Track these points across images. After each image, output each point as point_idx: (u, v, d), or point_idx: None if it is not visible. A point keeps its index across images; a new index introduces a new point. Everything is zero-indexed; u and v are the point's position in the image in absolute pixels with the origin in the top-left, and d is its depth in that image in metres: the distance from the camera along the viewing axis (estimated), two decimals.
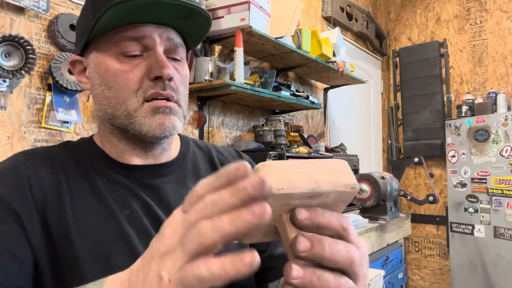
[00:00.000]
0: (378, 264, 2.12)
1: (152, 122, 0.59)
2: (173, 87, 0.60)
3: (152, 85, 0.58)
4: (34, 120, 1.23)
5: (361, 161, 2.55)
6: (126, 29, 0.58)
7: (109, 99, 0.60)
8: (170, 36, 0.60)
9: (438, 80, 3.40)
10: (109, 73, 0.59)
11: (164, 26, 0.60)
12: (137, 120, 0.59)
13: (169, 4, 0.56)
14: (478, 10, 3.33)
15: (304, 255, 0.31)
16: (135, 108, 0.59)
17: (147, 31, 0.58)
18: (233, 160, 0.76)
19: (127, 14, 0.56)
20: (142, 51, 0.59)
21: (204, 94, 1.73)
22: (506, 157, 2.77)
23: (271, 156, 1.69)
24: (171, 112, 0.60)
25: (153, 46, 0.59)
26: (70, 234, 0.54)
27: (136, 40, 0.58)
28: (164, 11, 0.57)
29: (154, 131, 0.59)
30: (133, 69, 0.58)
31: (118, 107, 0.59)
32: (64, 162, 0.61)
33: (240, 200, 0.27)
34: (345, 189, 0.33)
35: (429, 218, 3.50)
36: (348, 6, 2.99)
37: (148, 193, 0.62)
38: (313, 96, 2.32)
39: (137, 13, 0.56)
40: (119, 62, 0.59)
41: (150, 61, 0.59)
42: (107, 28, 0.58)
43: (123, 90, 0.59)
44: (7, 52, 1.13)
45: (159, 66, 0.58)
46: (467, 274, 2.92)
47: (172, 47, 0.61)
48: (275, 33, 1.78)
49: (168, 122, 0.59)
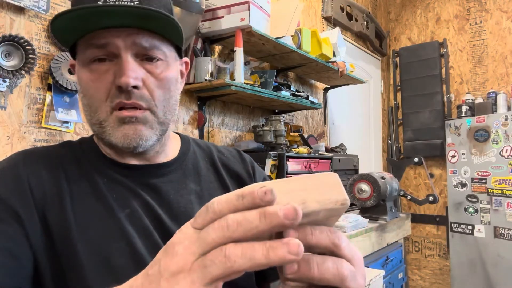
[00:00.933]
0: (378, 264, 2.12)
1: (118, 133, 0.57)
2: (141, 95, 0.57)
3: (118, 94, 0.57)
4: (34, 120, 1.23)
5: (361, 161, 2.55)
6: (91, 36, 0.56)
7: (86, 107, 0.60)
8: (136, 40, 0.57)
9: (438, 80, 3.40)
10: (82, 81, 0.59)
11: (132, 29, 0.56)
12: (107, 130, 0.58)
13: (119, 11, 0.53)
14: (478, 10, 3.33)
15: (292, 277, 0.31)
16: (104, 117, 0.58)
17: (109, 37, 0.56)
18: (234, 160, 0.76)
19: (81, 23, 0.54)
20: (110, 57, 0.57)
21: (204, 94, 1.73)
22: (506, 157, 2.77)
23: (271, 156, 1.69)
24: (139, 121, 0.58)
25: (118, 52, 0.56)
26: (70, 233, 0.54)
27: (99, 47, 0.56)
28: (118, 17, 0.54)
29: (120, 142, 0.57)
30: (101, 77, 0.57)
31: (92, 115, 0.59)
32: (64, 161, 0.61)
33: (269, 226, 0.26)
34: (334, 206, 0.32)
35: (429, 218, 3.49)
36: (348, 6, 2.99)
37: (148, 192, 0.62)
38: (313, 96, 2.32)
39: (91, 21, 0.54)
40: (88, 71, 0.58)
41: (116, 67, 0.57)
42: (71, 36, 0.57)
43: (94, 98, 0.58)
44: (7, 52, 1.13)
45: (120, 74, 0.55)
46: (467, 274, 2.92)
47: (143, 50, 0.58)
48: (275, 33, 1.78)
49: (133, 133, 0.57)
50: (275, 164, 1.72)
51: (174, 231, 0.60)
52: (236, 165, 0.75)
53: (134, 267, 0.55)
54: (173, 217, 0.62)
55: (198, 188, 0.67)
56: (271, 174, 1.70)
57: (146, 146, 0.59)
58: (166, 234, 0.60)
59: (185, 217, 0.63)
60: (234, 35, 1.64)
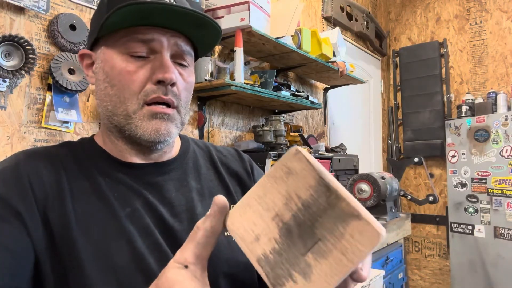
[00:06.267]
0: (378, 264, 2.12)
1: (148, 126, 0.59)
2: (175, 93, 0.60)
3: (155, 89, 0.59)
4: (34, 120, 1.23)
5: (361, 161, 2.55)
6: (135, 30, 0.58)
7: (111, 97, 0.60)
8: (178, 42, 0.60)
9: (438, 80, 3.40)
10: (114, 71, 0.59)
11: (174, 32, 0.60)
12: (134, 122, 0.59)
13: (179, 12, 0.56)
14: (478, 10, 3.33)
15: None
16: (134, 110, 0.59)
17: (155, 34, 0.58)
18: (233, 159, 0.76)
19: (137, 16, 0.56)
20: (148, 54, 0.59)
21: (204, 94, 1.73)
22: (506, 157, 2.77)
23: (271, 156, 1.69)
24: (169, 119, 0.60)
25: (160, 50, 0.59)
26: (71, 233, 0.54)
27: (143, 42, 0.58)
28: (174, 17, 0.57)
29: (149, 135, 0.59)
30: (138, 71, 0.59)
31: (118, 106, 0.59)
32: (65, 161, 0.61)
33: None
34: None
35: (429, 218, 3.49)
36: (348, 6, 2.99)
37: (149, 191, 0.62)
38: (313, 96, 2.32)
39: (146, 16, 0.57)
40: (125, 62, 0.59)
41: (155, 64, 0.59)
42: (116, 27, 0.58)
43: (125, 90, 0.59)
44: (7, 52, 1.13)
45: (163, 70, 0.58)
46: (467, 274, 2.92)
47: (179, 53, 0.61)
48: (275, 33, 1.78)
49: (163, 129, 0.59)
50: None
51: (176, 229, 0.61)
52: (235, 164, 0.75)
53: (134, 266, 0.55)
54: (175, 215, 0.62)
55: (198, 186, 0.68)
56: None
57: (168, 143, 0.63)
58: (168, 232, 0.60)
59: (187, 214, 0.63)
60: (234, 35, 1.64)
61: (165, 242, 0.58)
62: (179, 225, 0.61)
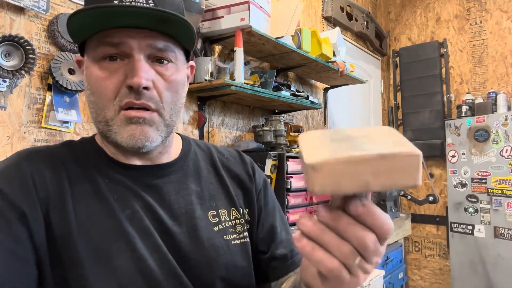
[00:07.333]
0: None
1: (124, 132, 0.57)
2: (151, 96, 0.58)
3: (127, 93, 0.57)
4: (34, 120, 1.23)
5: None
6: (104, 34, 0.56)
7: (93, 104, 0.60)
8: (150, 41, 0.57)
9: (438, 80, 3.40)
10: (92, 78, 0.59)
11: (149, 31, 0.57)
12: (113, 129, 0.58)
13: (138, 13, 0.54)
14: (478, 10, 3.33)
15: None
16: (111, 116, 0.58)
17: (123, 37, 0.56)
18: (234, 161, 0.76)
19: (99, 21, 0.55)
20: (123, 57, 0.58)
21: (204, 94, 1.73)
22: (506, 157, 2.77)
23: (271, 156, 1.69)
24: (146, 122, 0.58)
25: (131, 53, 0.57)
26: (71, 234, 0.54)
27: (113, 45, 0.57)
28: (135, 18, 0.55)
29: (126, 141, 0.58)
30: (111, 76, 0.57)
31: (99, 112, 0.59)
32: (66, 161, 0.61)
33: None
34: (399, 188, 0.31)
35: (429, 218, 3.49)
36: (348, 6, 2.99)
37: (149, 193, 0.62)
38: (313, 96, 2.32)
39: (109, 20, 0.55)
40: (99, 68, 0.58)
41: (127, 68, 0.57)
42: (85, 32, 0.57)
43: (102, 96, 0.58)
44: (7, 52, 1.13)
45: (132, 74, 0.56)
46: (467, 274, 2.92)
47: (155, 52, 0.58)
48: (275, 33, 1.78)
49: (139, 134, 0.57)
50: (275, 164, 1.72)
51: (174, 232, 0.61)
52: (236, 166, 0.75)
53: (134, 267, 0.55)
54: (174, 218, 0.62)
55: (198, 188, 0.67)
56: (271, 174, 1.70)
57: (150, 147, 0.60)
58: (167, 235, 0.60)
59: (186, 217, 0.63)
60: (234, 35, 1.64)
61: (164, 244, 0.58)
62: (178, 228, 0.61)
